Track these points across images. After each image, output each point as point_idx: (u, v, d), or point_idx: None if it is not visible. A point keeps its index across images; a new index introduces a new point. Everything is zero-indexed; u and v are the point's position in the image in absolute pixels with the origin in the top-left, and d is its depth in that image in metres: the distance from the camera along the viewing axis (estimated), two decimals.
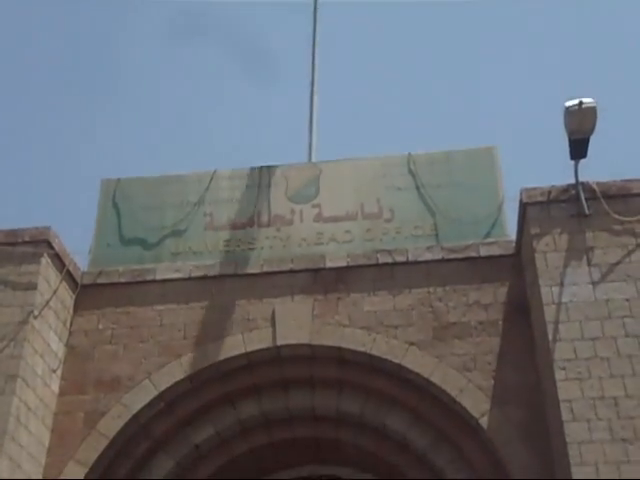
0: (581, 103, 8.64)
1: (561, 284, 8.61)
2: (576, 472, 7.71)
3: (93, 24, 24.34)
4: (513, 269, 9.78)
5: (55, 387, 9.54)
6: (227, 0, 21.01)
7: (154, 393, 9.57)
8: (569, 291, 8.58)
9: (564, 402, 8.05)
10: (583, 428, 7.91)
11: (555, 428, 8.39)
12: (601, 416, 7.94)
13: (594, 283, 8.58)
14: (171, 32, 26.75)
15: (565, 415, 8.00)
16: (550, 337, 8.39)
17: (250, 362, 9.84)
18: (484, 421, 9.00)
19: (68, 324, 9.99)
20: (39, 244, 9.56)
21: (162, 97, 24.77)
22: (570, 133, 8.84)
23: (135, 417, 9.50)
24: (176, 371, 9.68)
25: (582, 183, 9.12)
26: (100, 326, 10.03)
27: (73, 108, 25.62)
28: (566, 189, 9.21)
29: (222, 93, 24.73)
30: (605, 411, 7.94)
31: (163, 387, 9.60)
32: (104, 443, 9.30)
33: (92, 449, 9.28)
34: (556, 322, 8.45)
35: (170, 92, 24.47)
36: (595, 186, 9.09)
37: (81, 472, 9.15)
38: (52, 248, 9.61)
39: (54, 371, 9.53)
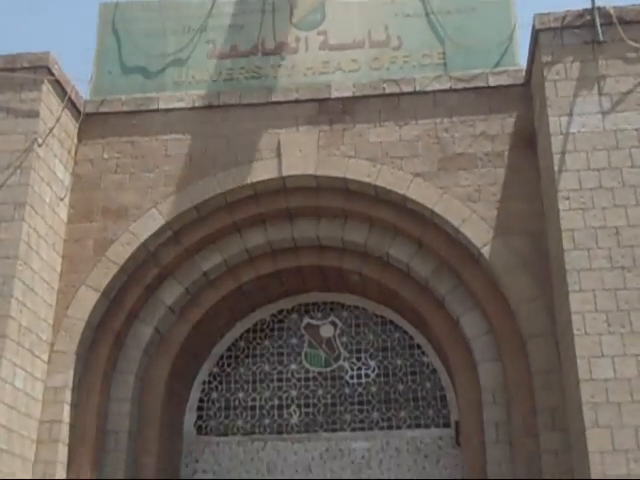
0: None
1: (570, 114, 8.47)
2: (573, 298, 7.91)
3: None
4: (522, 99, 9.60)
5: (63, 215, 9.67)
6: None
7: (161, 222, 9.71)
8: (578, 121, 8.45)
9: (566, 231, 8.14)
10: (583, 256, 8.04)
11: (556, 257, 8.53)
12: (602, 245, 8.04)
13: (603, 113, 8.44)
14: None
15: (566, 244, 8.11)
16: (556, 168, 8.36)
17: (256, 192, 9.90)
18: (486, 250, 9.15)
19: (73, 153, 9.98)
20: (39, 70, 9.37)
21: None
22: None
23: (144, 245, 9.69)
24: (183, 200, 9.77)
25: (598, 8, 8.76)
26: (105, 155, 10.03)
27: None
28: (581, 14, 8.86)
29: None
30: (606, 240, 8.04)
31: (170, 216, 9.72)
32: (114, 269, 9.54)
33: (103, 275, 9.53)
34: (563, 152, 8.39)
35: None
36: (612, 11, 8.74)
37: (93, 297, 9.45)
38: (52, 74, 9.42)
39: (61, 199, 9.62)
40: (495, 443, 8.88)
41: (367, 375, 10.58)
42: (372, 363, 10.62)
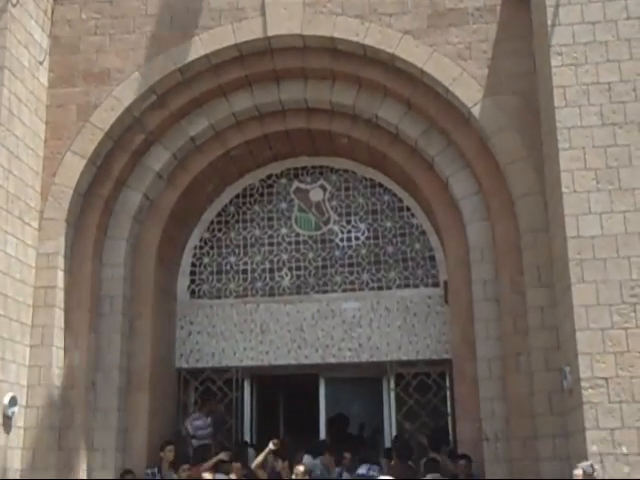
0: None
1: None
2: (563, 156, 7.88)
3: None
4: None
5: (44, 79, 9.42)
6: None
7: (145, 86, 9.49)
8: None
9: (558, 88, 8.01)
10: (574, 114, 7.95)
11: (546, 115, 8.44)
12: (593, 102, 7.94)
13: None
14: None
15: (557, 101, 8.00)
16: (549, 21, 8.13)
17: (241, 53, 9.63)
18: (476, 110, 9.03)
19: (49, 13, 9.62)
20: None
21: None
22: None
23: (128, 110, 9.51)
24: (166, 63, 9.52)
25: None
26: (83, 16, 9.67)
27: None
28: None
29: None
30: (598, 97, 7.93)
31: (154, 79, 9.50)
32: (99, 135, 9.41)
33: (88, 141, 9.41)
34: (556, 5, 8.13)
35: None
36: None
37: (80, 163, 9.37)
38: None
39: (41, 63, 9.35)
40: (483, 300, 9.08)
41: (357, 238, 10.67)
42: (362, 226, 10.69)
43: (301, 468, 7.96)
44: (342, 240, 10.69)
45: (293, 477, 8.00)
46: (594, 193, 7.73)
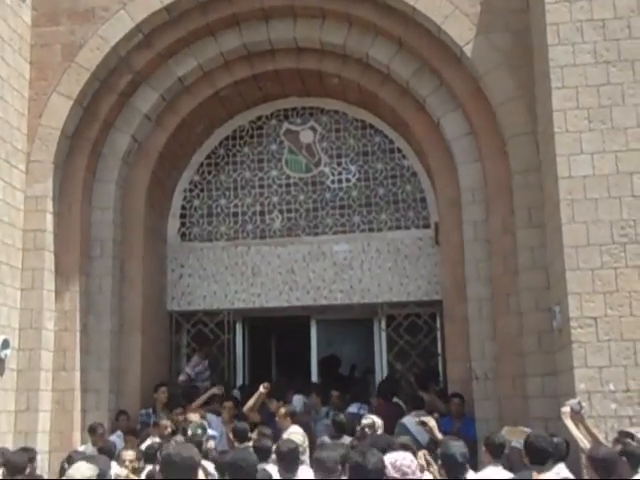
0: None
1: None
2: (556, 95, 7.79)
3: None
4: None
5: (27, 18, 9.22)
6: None
7: (131, 25, 9.30)
8: None
9: (551, 25, 7.87)
10: (567, 52, 7.83)
11: (539, 53, 8.31)
12: (587, 39, 7.81)
13: None
14: None
15: (551, 39, 7.87)
16: None
17: None
18: (468, 49, 8.89)
19: None
20: None
21: None
22: None
23: (114, 49, 9.34)
24: (152, 1, 9.31)
25: None
26: None
27: None
28: None
29: None
30: (591, 34, 7.79)
31: (140, 18, 9.30)
32: (85, 75, 9.26)
33: (74, 82, 9.26)
34: None
35: None
36: None
37: (66, 105, 9.23)
38: None
39: (23, 0, 9.11)
40: (473, 241, 9.09)
41: (348, 179, 10.61)
42: (352, 167, 10.63)
43: (282, 410, 8.04)
44: (333, 182, 10.63)
45: (276, 419, 8.09)
46: (586, 133, 7.66)
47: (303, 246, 10.45)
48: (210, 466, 6.37)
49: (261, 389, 8.78)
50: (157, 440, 7.71)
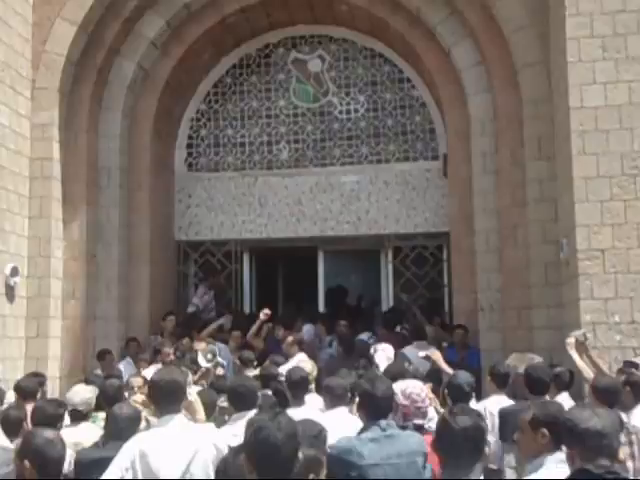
0: None
1: None
2: (570, 23, 7.61)
3: None
4: None
5: None
6: None
7: None
8: None
9: None
10: None
11: None
12: None
13: None
14: None
15: None
16: None
17: None
18: None
19: None
20: None
21: None
22: None
23: None
24: None
25: None
26: None
27: None
28: None
29: None
30: None
31: None
32: (90, 0, 9.07)
33: (79, 7, 9.09)
34: None
35: None
36: None
37: (71, 30, 9.08)
38: None
39: None
40: (482, 173, 9.03)
41: (356, 110, 10.48)
42: (361, 97, 10.48)
43: (290, 338, 8.14)
44: (341, 112, 10.51)
45: (283, 346, 8.19)
46: (600, 62, 7.51)
47: (311, 177, 10.40)
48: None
49: (261, 316, 8.87)
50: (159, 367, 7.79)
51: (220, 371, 7.50)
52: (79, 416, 5.25)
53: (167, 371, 4.47)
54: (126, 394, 6.63)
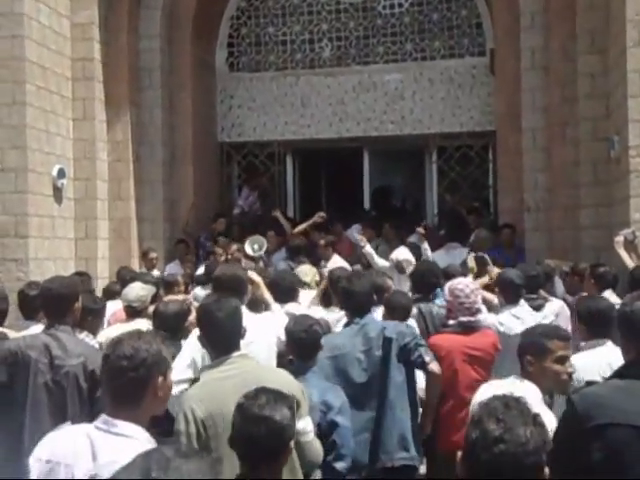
0: None
1: None
2: None
3: None
4: None
5: None
6: None
7: None
8: None
9: None
10: None
11: None
12: None
13: None
14: None
15: None
16: None
17: None
18: None
19: None
20: None
21: None
22: None
23: None
24: None
25: None
26: None
27: None
28: None
29: None
30: None
31: None
32: None
33: None
34: None
35: None
36: None
37: None
38: None
39: None
40: (531, 69, 8.76)
41: (400, 5, 10.14)
42: None
43: (322, 240, 8.11)
44: (384, 8, 10.19)
45: (318, 250, 8.17)
46: None
47: (353, 76, 10.19)
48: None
49: (316, 218, 8.90)
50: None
51: (262, 264, 7.63)
52: (133, 312, 5.36)
53: (229, 267, 4.68)
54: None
